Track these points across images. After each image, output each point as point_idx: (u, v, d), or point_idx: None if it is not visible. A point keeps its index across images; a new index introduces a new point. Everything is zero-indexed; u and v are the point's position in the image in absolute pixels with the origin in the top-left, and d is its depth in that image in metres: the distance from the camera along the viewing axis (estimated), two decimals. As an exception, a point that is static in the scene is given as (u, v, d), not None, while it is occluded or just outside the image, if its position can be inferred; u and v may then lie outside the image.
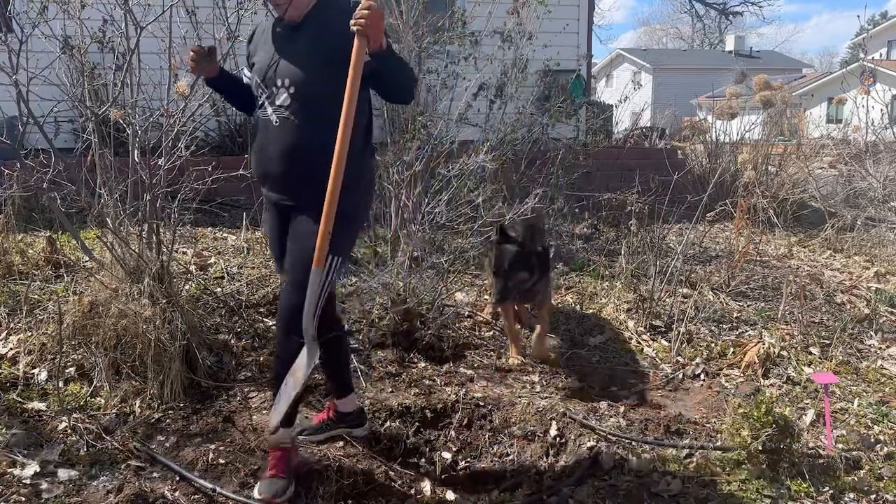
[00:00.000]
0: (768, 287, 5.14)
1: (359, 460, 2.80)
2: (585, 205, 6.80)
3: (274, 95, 2.46)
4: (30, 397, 3.10)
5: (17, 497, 2.47)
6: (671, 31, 51.32)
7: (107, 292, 3.30)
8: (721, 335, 4.23)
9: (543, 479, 2.75)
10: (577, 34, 9.02)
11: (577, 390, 3.48)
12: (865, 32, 18.17)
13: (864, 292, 5.12)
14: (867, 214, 7.26)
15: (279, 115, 2.46)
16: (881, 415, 3.30)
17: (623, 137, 10.74)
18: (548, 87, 8.15)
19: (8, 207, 4.41)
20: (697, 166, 8.27)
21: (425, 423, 3.11)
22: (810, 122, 13.28)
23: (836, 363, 3.88)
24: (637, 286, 4.70)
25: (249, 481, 2.63)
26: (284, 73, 2.44)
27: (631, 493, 2.62)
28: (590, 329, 4.23)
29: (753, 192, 5.85)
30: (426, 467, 2.83)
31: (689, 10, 41.23)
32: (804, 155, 8.78)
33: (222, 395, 3.24)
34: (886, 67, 21.25)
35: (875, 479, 2.76)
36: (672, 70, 34.07)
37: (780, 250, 6.34)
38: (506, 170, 5.87)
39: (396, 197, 4.52)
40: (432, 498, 2.61)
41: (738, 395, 3.45)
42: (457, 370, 3.63)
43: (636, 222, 5.20)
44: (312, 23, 2.48)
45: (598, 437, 2.98)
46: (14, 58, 3.35)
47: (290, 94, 2.43)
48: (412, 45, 5.23)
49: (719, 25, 41.14)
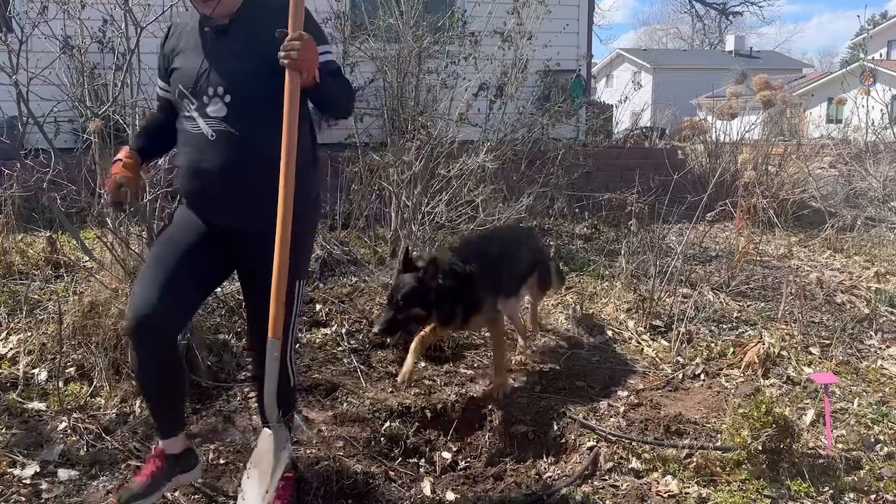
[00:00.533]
0: (768, 287, 5.14)
1: (359, 460, 2.80)
2: (585, 205, 6.81)
3: (206, 106, 2.15)
4: (30, 397, 3.10)
5: (17, 497, 2.47)
6: (671, 31, 51.32)
7: (107, 292, 3.30)
8: (721, 335, 4.23)
9: (543, 479, 2.75)
10: (577, 34, 9.02)
11: (577, 390, 3.48)
12: (865, 32, 18.16)
13: (864, 292, 5.12)
14: (867, 214, 7.27)
15: (215, 127, 2.15)
16: (881, 415, 3.30)
17: (623, 137, 10.75)
18: (548, 87, 8.16)
19: (8, 207, 4.41)
20: (697, 166, 8.27)
21: (425, 423, 3.11)
22: (810, 122, 13.29)
23: (836, 363, 3.88)
24: (637, 286, 4.70)
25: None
26: (218, 81, 2.14)
27: (631, 493, 2.62)
28: (590, 329, 4.23)
29: (753, 192, 5.84)
30: (426, 467, 2.83)
31: (689, 10, 41.30)
32: (804, 155, 8.78)
33: (222, 395, 3.24)
34: (886, 67, 21.25)
35: (875, 479, 2.76)
36: (672, 70, 34.06)
37: (780, 250, 6.34)
38: (506, 170, 5.87)
39: (396, 197, 4.53)
40: (432, 498, 2.61)
41: (738, 395, 3.45)
42: (457, 370, 3.63)
43: (636, 222, 5.20)
44: (243, 23, 2.20)
45: (598, 437, 2.98)
46: (14, 58, 3.36)
47: (226, 103, 2.14)
48: (412, 45, 5.23)
49: (719, 25, 41.16)
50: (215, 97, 2.14)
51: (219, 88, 2.14)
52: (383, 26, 5.44)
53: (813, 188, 8.01)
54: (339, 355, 3.68)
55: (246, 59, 2.16)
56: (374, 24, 5.65)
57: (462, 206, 4.38)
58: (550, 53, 7.47)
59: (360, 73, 6.18)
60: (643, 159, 8.02)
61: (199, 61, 2.17)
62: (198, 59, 2.18)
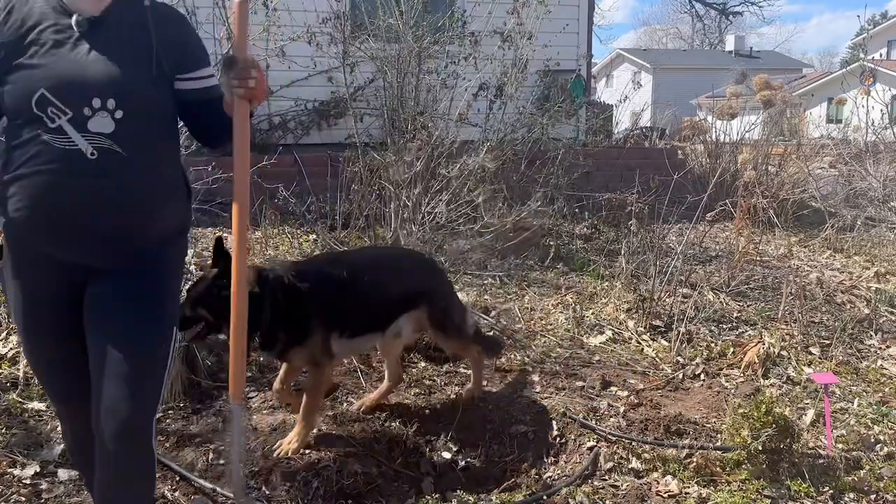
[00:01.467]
0: (768, 287, 5.14)
1: (359, 460, 2.80)
2: (585, 205, 6.81)
3: (86, 119, 1.73)
4: (30, 397, 3.10)
5: (17, 497, 2.47)
6: (671, 31, 51.30)
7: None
8: (721, 335, 4.23)
9: (543, 479, 2.75)
10: (577, 34, 9.01)
11: (577, 390, 3.48)
12: (865, 32, 18.18)
13: (864, 292, 5.12)
14: (867, 214, 7.27)
15: (97, 145, 1.74)
16: (881, 415, 3.30)
17: (623, 137, 10.75)
18: (547, 87, 8.16)
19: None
20: (697, 166, 8.27)
21: (425, 423, 3.11)
22: (810, 122, 13.29)
23: (836, 363, 3.88)
24: (637, 286, 4.70)
25: (249, 482, 2.63)
26: (107, 91, 1.74)
27: (631, 493, 2.62)
28: (590, 329, 4.24)
29: (753, 192, 5.85)
30: (426, 467, 2.83)
31: (689, 10, 41.27)
32: (804, 155, 8.78)
33: (222, 395, 3.23)
34: (886, 67, 21.25)
35: (875, 479, 2.76)
36: (672, 70, 34.06)
37: (780, 250, 6.34)
38: (506, 170, 5.87)
39: (396, 197, 4.53)
40: (432, 498, 2.61)
41: (738, 395, 3.45)
42: (457, 370, 3.63)
43: (636, 222, 5.20)
44: (122, 18, 1.81)
45: (598, 437, 2.98)
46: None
47: (115, 119, 1.75)
48: (412, 45, 5.23)
49: (719, 25, 41.15)
50: (102, 110, 1.74)
51: (109, 101, 1.74)
52: (383, 26, 5.44)
53: (813, 188, 8.01)
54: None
55: (135, 67, 1.79)
56: (374, 24, 5.65)
57: (462, 206, 4.38)
58: (550, 53, 7.47)
59: (360, 73, 6.19)
60: (643, 159, 8.02)
61: (74, 61, 1.74)
62: (71, 59, 1.74)
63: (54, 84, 1.72)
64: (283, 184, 5.00)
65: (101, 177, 1.76)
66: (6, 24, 1.77)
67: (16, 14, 1.77)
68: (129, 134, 1.77)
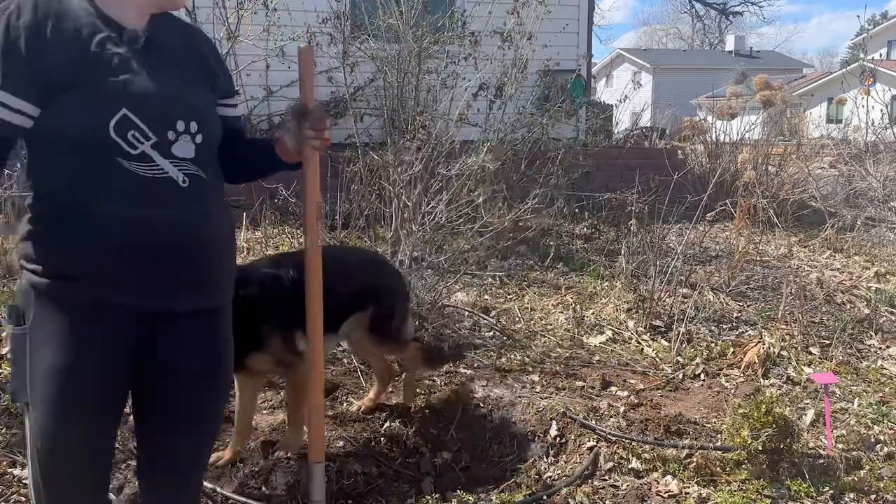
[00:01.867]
0: (768, 287, 5.14)
1: (359, 460, 2.80)
2: (585, 205, 6.81)
3: (171, 143, 1.54)
4: (30, 397, 3.10)
5: (17, 497, 2.47)
6: (671, 31, 51.30)
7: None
8: (721, 335, 4.23)
9: (543, 479, 2.75)
10: (577, 34, 9.02)
11: (577, 390, 3.48)
12: (865, 32, 18.17)
13: (864, 292, 5.12)
14: (867, 214, 7.27)
15: (185, 171, 1.56)
16: (881, 415, 3.30)
17: (623, 137, 10.76)
18: (547, 87, 8.15)
19: (8, 207, 4.41)
20: (697, 166, 8.28)
21: (425, 422, 3.11)
22: (810, 122, 13.30)
23: (836, 363, 3.88)
24: (637, 286, 4.70)
25: (249, 482, 2.63)
26: (189, 113, 1.57)
27: (631, 493, 2.62)
28: (590, 329, 4.24)
29: (753, 192, 5.85)
30: (426, 467, 2.83)
31: (689, 10, 41.27)
32: (804, 155, 8.79)
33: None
34: (886, 67, 21.25)
35: (875, 479, 2.76)
36: (672, 70, 34.07)
37: (780, 250, 6.34)
38: (506, 170, 5.87)
39: (396, 197, 4.52)
40: (432, 498, 2.61)
41: (738, 395, 3.45)
42: (457, 370, 3.63)
43: (636, 222, 5.20)
44: (164, 35, 1.62)
45: (598, 437, 2.98)
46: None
47: (196, 143, 1.57)
48: (412, 45, 5.23)
49: (719, 25, 41.15)
50: (185, 133, 1.55)
51: (192, 124, 1.56)
52: (383, 26, 5.44)
53: (813, 188, 8.01)
54: (338, 355, 3.68)
55: (203, 88, 1.67)
56: (374, 24, 5.65)
57: (462, 206, 4.38)
58: (550, 53, 7.47)
59: (360, 73, 6.19)
60: (643, 159, 8.03)
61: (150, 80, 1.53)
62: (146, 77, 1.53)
63: (137, 104, 1.49)
64: (283, 184, 5.00)
65: (192, 205, 1.58)
66: (47, 27, 1.47)
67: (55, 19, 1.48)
68: (207, 158, 1.62)
